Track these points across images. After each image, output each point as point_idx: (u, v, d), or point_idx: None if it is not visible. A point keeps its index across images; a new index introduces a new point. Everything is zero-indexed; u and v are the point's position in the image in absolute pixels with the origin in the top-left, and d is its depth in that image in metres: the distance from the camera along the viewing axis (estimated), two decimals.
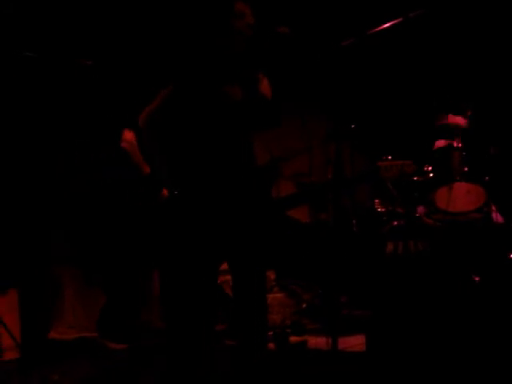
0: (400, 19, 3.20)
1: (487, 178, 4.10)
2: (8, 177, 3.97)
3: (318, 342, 3.98)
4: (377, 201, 4.02)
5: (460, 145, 4.22)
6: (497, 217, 4.11)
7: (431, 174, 4.21)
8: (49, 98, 4.18)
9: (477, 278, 3.69)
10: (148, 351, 3.76)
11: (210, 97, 2.99)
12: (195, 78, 3.01)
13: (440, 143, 4.42)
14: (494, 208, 4.13)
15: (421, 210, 4.19)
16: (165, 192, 3.82)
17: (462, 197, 4.02)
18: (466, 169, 4.17)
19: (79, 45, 4.02)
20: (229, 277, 4.16)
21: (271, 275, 4.43)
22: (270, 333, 3.87)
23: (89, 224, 4.10)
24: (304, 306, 4.43)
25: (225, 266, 3.65)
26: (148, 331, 3.92)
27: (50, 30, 4.13)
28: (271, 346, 3.86)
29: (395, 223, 3.99)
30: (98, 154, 4.18)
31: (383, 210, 4.05)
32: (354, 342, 3.72)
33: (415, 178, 4.12)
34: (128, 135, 3.87)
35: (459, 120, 4.37)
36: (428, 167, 4.23)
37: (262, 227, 3.08)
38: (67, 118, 4.26)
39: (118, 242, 4.02)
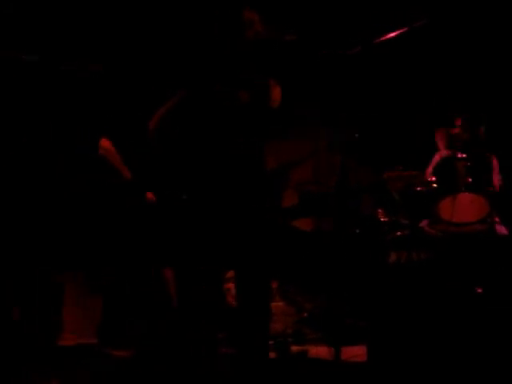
0: (405, 29, 3.21)
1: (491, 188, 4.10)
2: (9, 182, 3.97)
3: (319, 351, 3.96)
4: (380, 210, 4.02)
5: (464, 155, 4.22)
6: (500, 228, 4.11)
7: (435, 185, 4.21)
8: (50, 102, 4.18)
9: (479, 290, 3.68)
10: (149, 358, 3.74)
11: (219, 102, 3.01)
12: (205, 84, 3.02)
13: (438, 156, 4.44)
14: (497, 219, 4.12)
15: (424, 220, 4.18)
16: (149, 195, 3.85)
17: (465, 207, 4.01)
18: (469, 179, 4.16)
19: (84, 48, 4.03)
20: (231, 285, 4.17)
21: (273, 284, 4.42)
22: (271, 341, 3.86)
23: (88, 229, 4.09)
24: (305, 315, 4.42)
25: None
26: (149, 338, 3.90)
27: (54, 33, 4.14)
28: (272, 354, 3.85)
29: (398, 233, 3.98)
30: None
31: (386, 219, 4.04)
32: (356, 352, 3.70)
33: (419, 189, 4.11)
34: (105, 143, 3.91)
35: (457, 130, 4.38)
36: (431, 177, 4.22)
37: (267, 235, 3.08)
38: (70, 121, 4.27)
39: (118, 248, 4.01)
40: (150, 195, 3.88)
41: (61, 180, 4.09)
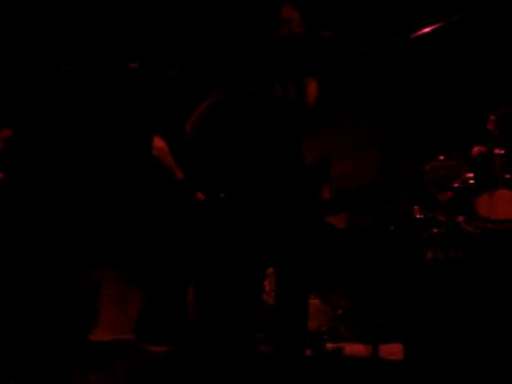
0: (441, 23, 3.18)
1: None
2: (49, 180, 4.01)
3: (354, 348, 3.96)
4: (416, 207, 3.98)
5: (502, 151, 4.17)
6: None
7: (471, 181, 4.16)
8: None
9: None
10: (186, 354, 3.77)
11: (257, 98, 3.02)
12: (243, 81, 3.04)
13: (477, 149, 4.38)
14: None
15: (460, 216, 4.14)
16: (200, 196, 3.86)
17: (504, 204, 3.97)
18: (507, 176, 4.12)
19: (122, 47, 4.06)
20: (266, 283, 4.18)
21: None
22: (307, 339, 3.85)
23: (126, 225, 4.12)
24: (340, 312, 4.40)
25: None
26: (187, 334, 3.93)
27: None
28: (307, 351, 3.84)
29: (435, 230, 3.94)
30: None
31: (423, 216, 4.00)
32: (392, 350, 3.68)
33: (456, 185, 4.07)
34: (158, 143, 3.94)
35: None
36: (468, 173, 4.18)
37: (304, 232, 3.08)
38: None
39: (157, 246, 4.04)
40: (199, 195, 3.89)
41: (110, 178, 4.14)
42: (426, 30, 3.17)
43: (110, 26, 4.25)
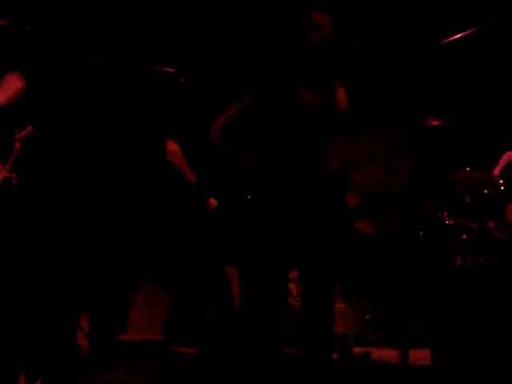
0: (473, 29, 3.17)
1: None
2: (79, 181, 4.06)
3: (382, 353, 3.95)
4: (445, 213, 3.96)
5: None
6: None
7: (502, 187, 4.13)
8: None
9: None
10: (214, 356, 3.80)
11: (284, 103, 3.04)
12: (272, 86, 3.06)
13: (507, 156, 4.34)
14: None
15: (490, 223, 4.10)
16: (212, 200, 3.90)
17: None
18: None
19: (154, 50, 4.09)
20: (293, 285, 4.19)
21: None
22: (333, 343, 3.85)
23: (155, 228, 4.17)
24: (367, 317, 4.39)
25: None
26: (214, 336, 3.96)
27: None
28: (334, 356, 3.84)
29: (464, 236, 3.91)
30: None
31: (452, 222, 3.98)
32: (420, 356, 3.66)
33: (485, 191, 4.04)
34: (172, 146, 3.97)
35: None
36: (499, 180, 4.14)
37: (331, 236, 3.09)
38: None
39: (185, 247, 4.07)
40: (212, 200, 3.92)
41: (127, 180, 4.18)
42: (457, 35, 3.17)
43: (126, 28, 4.29)
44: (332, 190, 3.19)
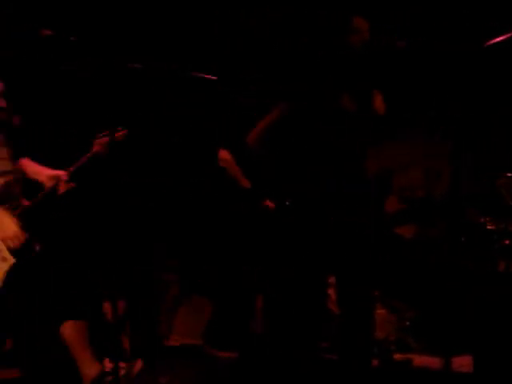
0: None
1: None
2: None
3: (423, 360, 3.90)
4: (488, 218, 3.91)
5: None
6: None
7: None
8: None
9: None
10: (253, 361, 3.80)
11: (323, 110, 3.04)
12: (310, 92, 3.06)
13: None
14: None
15: None
16: (268, 204, 3.90)
17: None
18: None
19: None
20: (331, 291, 4.17)
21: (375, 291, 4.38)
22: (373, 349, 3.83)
23: (197, 234, 4.20)
24: (407, 323, 4.35)
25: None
26: (254, 341, 3.97)
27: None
28: (375, 362, 3.82)
29: (507, 242, 3.86)
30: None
31: (494, 227, 3.92)
32: (462, 363, 3.62)
33: None
34: (224, 154, 4.00)
35: None
36: None
37: (371, 241, 3.08)
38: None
39: (226, 253, 4.10)
40: (267, 203, 3.93)
41: (180, 187, 4.22)
42: (500, 38, 3.13)
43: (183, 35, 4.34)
44: (372, 194, 3.18)
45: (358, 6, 3.11)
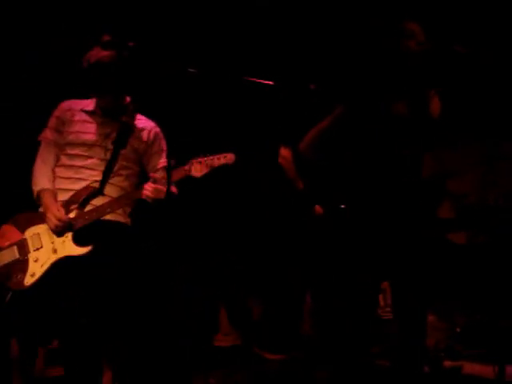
0: None
1: None
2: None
3: (473, 368, 3.85)
4: None
5: None
6: None
7: None
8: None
9: None
10: (302, 363, 3.81)
11: (378, 114, 3.03)
12: (365, 97, 3.06)
13: None
14: None
15: None
16: (318, 208, 3.90)
17: None
18: None
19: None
20: (380, 296, 4.15)
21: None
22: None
23: (247, 237, 4.23)
24: (458, 330, 4.30)
25: None
26: (304, 344, 3.97)
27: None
28: (425, 369, 3.78)
29: None
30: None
31: None
32: None
33: None
34: (284, 152, 4.00)
35: None
36: None
37: (425, 247, 3.06)
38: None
39: (277, 256, 4.11)
40: (318, 208, 3.93)
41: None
42: None
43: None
44: (426, 199, 3.16)
45: (414, 9, 3.10)
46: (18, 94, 4.13)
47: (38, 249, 3.03)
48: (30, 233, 3.07)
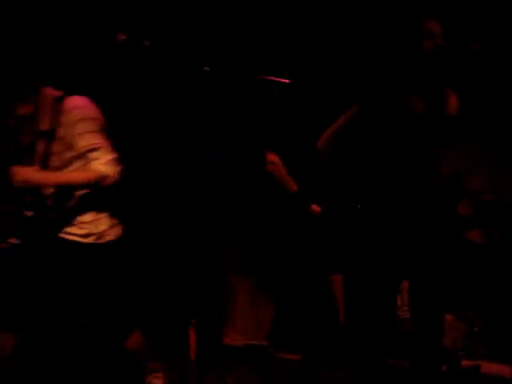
0: None
1: None
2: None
3: (492, 367, 3.83)
4: None
5: None
6: None
7: None
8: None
9: None
10: (319, 363, 3.79)
11: (395, 112, 3.01)
12: (381, 95, 3.04)
13: None
14: None
15: None
16: (315, 208, 3.89)
17: None
18: None
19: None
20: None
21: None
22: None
23: (262, 235, 4.21)
24: (476, 329, 4.27)
25: None
26: (319, 344, 3.95)
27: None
28: (443, 368, 3.76)
29: None
30: None
31: None
32: None
33: None
34: (272, 157, 3.99)
35: None
36: None
37: (444, 246, 3.03)
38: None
39: (290, 254, 4.09)
40: (315, 207, 3.93)
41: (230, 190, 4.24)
42: None
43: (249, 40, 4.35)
44: (444, 197, 3.14)
45: (431, 8, 3.07)
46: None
47: None
48: None
